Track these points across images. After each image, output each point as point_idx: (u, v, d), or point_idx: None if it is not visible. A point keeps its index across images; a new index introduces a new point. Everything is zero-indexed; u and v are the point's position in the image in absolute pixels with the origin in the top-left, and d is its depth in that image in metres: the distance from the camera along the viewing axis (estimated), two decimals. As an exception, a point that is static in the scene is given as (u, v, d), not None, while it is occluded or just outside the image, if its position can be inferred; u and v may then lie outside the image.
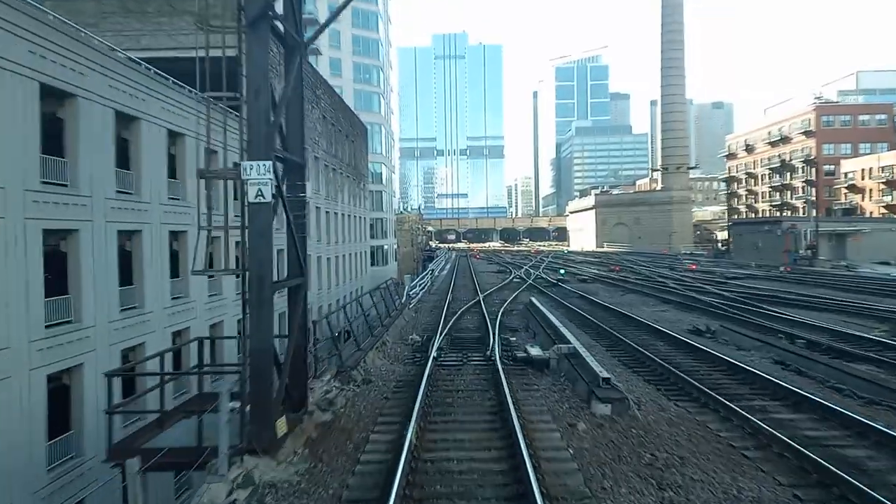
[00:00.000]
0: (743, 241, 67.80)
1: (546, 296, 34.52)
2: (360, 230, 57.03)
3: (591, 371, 13.49)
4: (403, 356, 18.07)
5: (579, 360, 14.97)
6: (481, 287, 39.50)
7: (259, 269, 9.58)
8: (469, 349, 18.65)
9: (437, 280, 46.85)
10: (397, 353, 18.61)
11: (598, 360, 14.91)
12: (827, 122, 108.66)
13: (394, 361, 17.45)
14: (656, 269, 56.85)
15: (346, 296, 49.02)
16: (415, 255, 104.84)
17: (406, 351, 18.96)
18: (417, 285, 35.50)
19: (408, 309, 27.94)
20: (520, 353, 16.90)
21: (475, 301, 30.54)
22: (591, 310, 27.84)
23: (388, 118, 74.42)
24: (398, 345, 19.94)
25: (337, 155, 47.32)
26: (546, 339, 20.08)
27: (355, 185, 55.16)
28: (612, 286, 40.97)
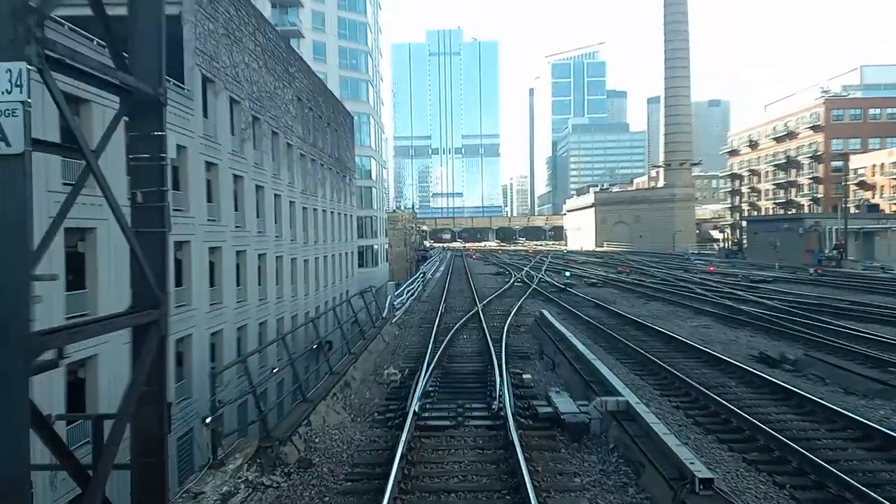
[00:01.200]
0: (758, 240, 62.35)
1: (555, 304, 29.05)
2: (346, 229, 51.46)
3: (671, 455, 8.03)
4: (371, 408, 12.51)
5: (640, 427, 9.52)
6: (479, 293, 34.03)
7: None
8: (466, 393, 13.17)
9: (429, 284, 41.35)
10: (364, 400, 13.07)
11: (664, 420, 9.53)
12: (836, 116, 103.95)
13: (356, 417, 11.91)
14: (668, 270, 51.52)
15: (330, 301, 43.45)
16: (408, 255, 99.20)
17: (378, 396, 13.43)
18: (405, 292, 29.92)
19: (391, 324, 22.39)
20: (541, 406, 11.39)
21: (473, 313, 25.05)
22: (615, 324, 22.39)
23: (377, 108, 68.80)
24: (368, 385, 14.40)
25: (316, 144, 41.74)
26: (571, 373, 14.62)
27: (339, 179, 49.59)
28: (627, 291, 35.54)
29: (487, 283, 43.05)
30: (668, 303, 29.45)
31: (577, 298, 31.44)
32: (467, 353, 17.85)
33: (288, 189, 34.46)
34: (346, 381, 13.62)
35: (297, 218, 35.96)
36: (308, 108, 40.08)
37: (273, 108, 32.57)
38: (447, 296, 33.13)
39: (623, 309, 26.71)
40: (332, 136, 46.95)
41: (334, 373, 13.65)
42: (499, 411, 11.23)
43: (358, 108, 62.31)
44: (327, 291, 43.06)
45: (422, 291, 35.95)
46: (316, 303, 39.91)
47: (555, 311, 26.52)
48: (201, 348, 22.94)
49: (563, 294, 33.80)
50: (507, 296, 33.50)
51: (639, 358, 16.50)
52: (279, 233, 32.67)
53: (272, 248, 31.19)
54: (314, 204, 40.31)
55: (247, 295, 27.56)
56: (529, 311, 26.93)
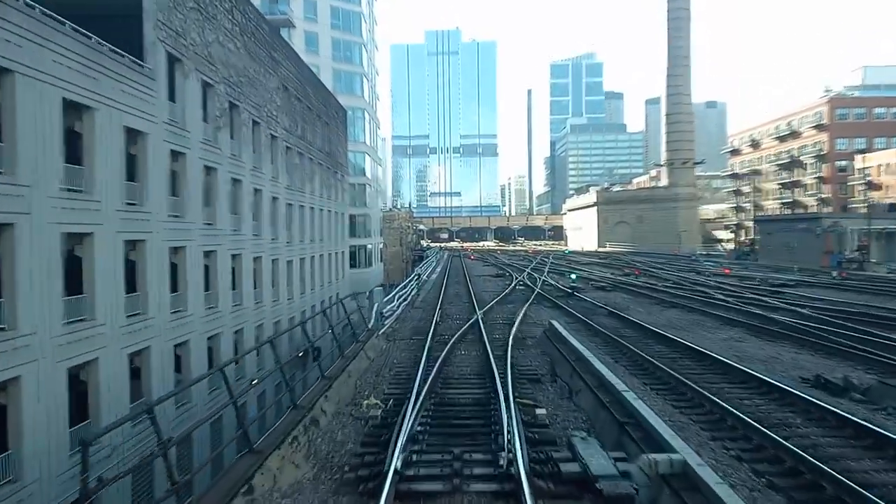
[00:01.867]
0: (772, 240, 59.40)
1: (563, 312, 26.15)
2: (337, 228, 48.53)
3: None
4: (342, 457, 9.55)
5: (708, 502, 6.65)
6: (479, 298, 31.13)
7: None
8: (465, 435, 10.27)
9: (424, 287, 38.45)
10: (334, 445, 10.11)
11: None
12: (841, 116, 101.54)
13: (320, 474, 8.93)
14: (679, 272, 48.67)
15: (318, 305, 40.56)
16: (404, 255, 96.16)
17: (353, 438, 10.50)
18: (396, 297, 26.92)
19: (377, 336, 19.46)
20: (565, 460, 8.48)
21: (472, 322, 22.13)
22: (634, 337, 19.50)
23: (372, 103, 65.81)
24: (343, 420, 11.47)
25: (304, 137, 38.80)
26: (595, 405, 11.77)
27: (330, 176, 46.65)
28: (640, 296, 32.66)
29: (487, 286, 40.16)
30: (687, 310, 26.55)
31: (587, 304, 28.53)
32: (466, 373, 14.97)
33: (270, 184, 31.51)
34: (314, 418, 10.71)
35: (281, 215, 33.02)
36: (296, 98, 37.14)
37: (254, 96, 29.64)
38: (443, 301, 30.22)
39: (640, 317, 23.84)
40: (322, 130, 44.01)
41: (298, 407, 10.73)
42: (508, 466, 8.33)
43: (352, 102, 59.37)
44: (315, 294, 40.12)
45: (416, 296, 33.04)
46: (302, 307, 36.98)
47: (564, 319, 23.65)
48: (163, 363, 19.98)
49: (570, 300, 30.91)
50: (510, 301, 30.60)
51: (672, 382, 13.61)
52: (258, 231, 29.73)
53: (249, 248, 28.25)
54: (301, 201, 37.36)
55: (218, 301, 24.61)
56: (535, 319, 24.06)
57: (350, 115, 59.10)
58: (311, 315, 29.25)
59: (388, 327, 21.81)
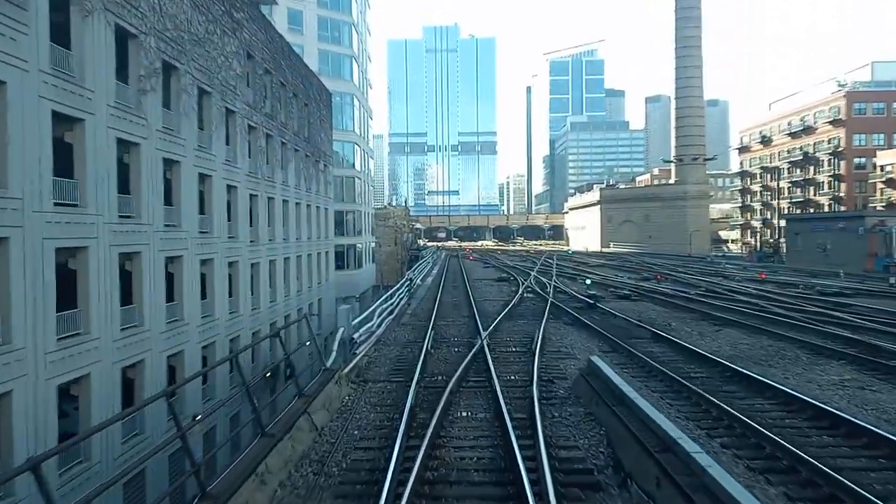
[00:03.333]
0: (802, 241, 53.27)
1: (592, 333, 19.91)
2: (319, 224, 42.37)
3: None
4: None
5: None
6: (481, 310, 25.01)
7: None
8: None
9: (416, 295, 32.32)
10: None
11: None
12: (858, 110, 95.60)
13: None
14: (703, 277, 42.63)
15: (294, 314, 34.47)
16: (399, 255, 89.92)
17: None
18: (376, 314, 20.62)
19: (338, 378, 13.21)
20: None
21: (475, 351, 15.95)
22: (709, 380, 13.33)
23: (363, 89, 59.53)
24: None
25: (276, 117, 32.61)
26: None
27: (311, 165, 40.48)
28: (677, 308, 26.52)
29: (490, 293, 34.04)
30: (750, 331, 20.38)
31: (618, 321, 22.40)
32: (472, 464, 8.80)
33: (225, 168, 25.29)
34: None
35: (241, 208, 26.82)
36: (265, 70, 30.94)
37: (203, 59, 23.44)
38: (438, 315, 24.06)
39: (695, 342, 17.76)
40: (300, 112, 37.81)
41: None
42: None
43: (340, 86, 53.14)
44: (290, 302, 33.96)
45: (405, 307, 26.89)
46: (273, 317, 30.82)
47: (596, 344, 17.58)
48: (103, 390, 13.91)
49: (594, 313, 24.77)
50: (520, 315, 24.45)
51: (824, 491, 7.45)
52: (208, 228, 23.56)
53: (193, 249, 22.06)
54: (270, 192, 31.16)
55: (143, 317, 18.44)
56: (559, 343, 17.95)
57: (338, 100, 52.91)
58: (243, 348, 22.94)
59: (361, 358, 15.66)
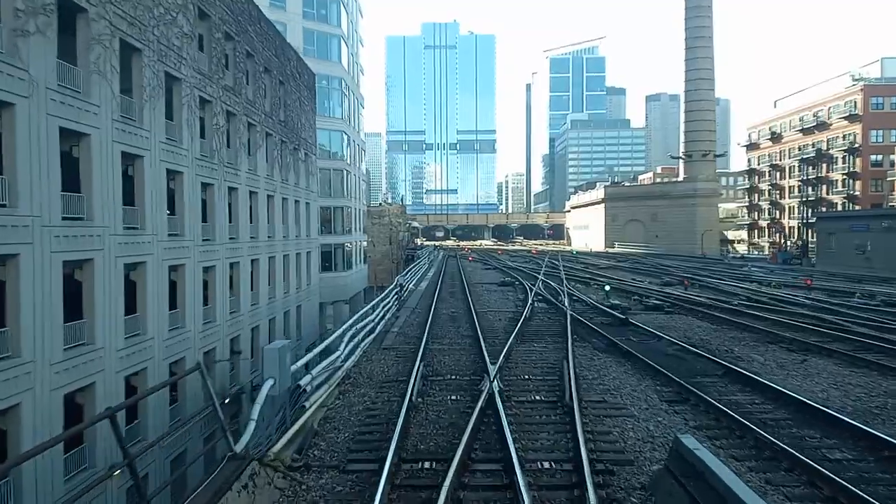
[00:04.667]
0: (836, 241, 47.90)
1: (640, 367, 14.59)
2: (300, 221, 37.04)
3: None
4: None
5: None
6: (485, 328, 19.71)
7: None
8: None
9: (407, 304, 26.98)
10: None
11: None
12: (876, 105, 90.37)
13: None
14: (734, 282, 37.41)
15: (264, 325, 29.17)
16: (394, 255, 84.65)
17: None
18: (348, 334, 15.19)
19: (278, 447, 7.87)
20: None
21: (483, 403, 10.66)
22: (858, 466, 8.18)
23: (354, 73, 54.13)
24: None
25: (241, 93, 27.23)
26: None
27: (288, 153, 35.14)
28: (728, 326, 21.19)
29: (493, 301, 28.72)
30: (844, 361, 15.05)
31: (663, 345, 17.06)
32: None
33: (164, 149, 19.91)
34: None
35: (187, 199, 21.45)
36: (225, 34, 25.57)
37: (126, 5, 18.07)
38: (431, 334, 18.71)
39: (786, 382, 12.52)
40: (274, 90, 32.45)
41: None
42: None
43: (327, 69, 47.76)
44: (259, 312, 28.60)
45: (391, 321, 21.58)
46: (234, 331, 25.49)
47: (652, 386, 12.32)
48: None
49: (627, 331, 19.44)
50: (535, 334, 19.11)
51: None
52: (139, 223, 18.22)
53: (114, 249, 16.70)
54: (233, 180, 25.79)
55: (21, 342, 13.11)
56: (602, 388, 12.57)
57: (324, 84, 47.54)
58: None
59: (311, 414, 10.35)
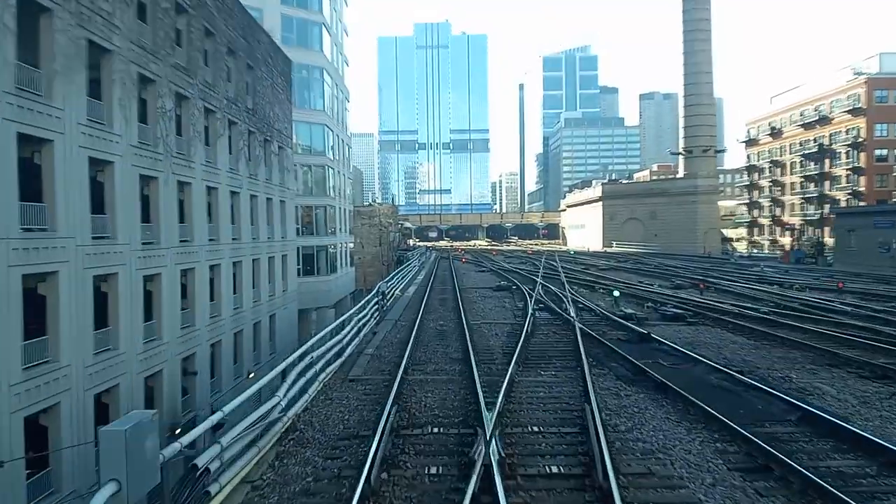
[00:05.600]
0: (857, 239, 44.30)
1: (677, 402, 11.15)
2: (274, 221, 33.36)
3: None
4: None
5: None
6: (480, 348, 16.13)
7: None
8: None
9: (389, 315, 23.35)
10: None
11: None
12: (880, 98, 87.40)
13: None
14: (749, 284, 34.01)
15: (227, 339, 25.53)
16: (384, 256, 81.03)
17: None
18: (292, 376, 11.37)
19: None
20: None
21: (475, 489, 7.16)
22: None
23: (338, 63, 50.44)
24: None
25: (195, 74, 23.53)
26: None
27: (259, 146, 31.47)
28: (768, 341, 17.67)
29: (489, 310, 25.11)
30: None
31: (701, 371, 13.54)
32: None
33: (86, 133, 16.22)
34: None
35: (121, 195, 17.75)
36: (175, 6, 21.83)
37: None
38: (412, 359, 15.08)
39: (886, 431, 9.08)
40: (240, 75, 28.78)
41: None
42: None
43: (307, 58, 44.08)
44: (221, 325, 24.89)
45: (367, 338, 17.95)
46: (187, 349, 21.82)
47: (709, 442, 8.79)
48: None
49: (651, 350, 15.92)
50: (540, 356, 15.52)
51: None
52: (46, 223, 14.53)
53: (9, 257, 13.00)
54: (184, 173, 22.09)
55: None
56: (643, 448, 8.94)
57: (304, 74, 43.88)
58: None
59: None
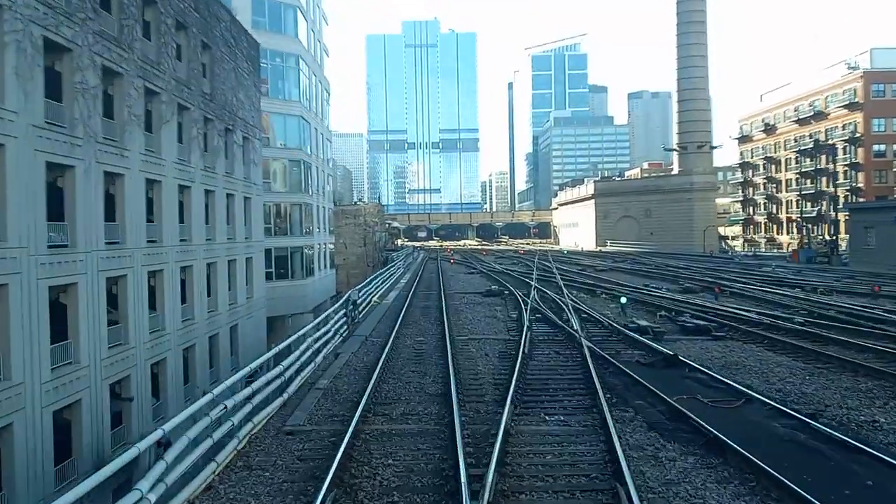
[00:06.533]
0: (874, 237, 40.58)
1: (745, 482, 7.73)
2: (236, 220, 29.54)
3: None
4: None
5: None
6: (465, 383, 12.56)
7: None
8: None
9: (359, 329, 19.71)
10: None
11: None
12: (877, 92, 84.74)
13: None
14: (765, 286, 30.72)
15: (181, 357, 21.77)
16: (369, 257, 77.26)
17: None
18: (173, 452, 7.65)
19: None
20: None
21: None
22: None
23: (316, 53, 46.62)
24: None
25: (132, 47, 19.71)
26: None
27: (219, 136, 27.67)
28: (823, 362, 14.28)
29: (478, 321, 21.49)
30: None
31: (757, 414, 10.08)
32: None
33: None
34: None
35: (11, 185, 13.97)
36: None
37: None
38: (374, 399, 11.47)
39: None
40: (193, 54, 24.98)
41: None
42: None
43: (281, 45, 40.26)
44: (164, 341, 21.11)
45: (326, 363, 14.31)
46: (119, 371, 18.05)
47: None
48: None
49: (686, 379, 12.42)
50: (542, 393, 11.90)
51: None
52: None
53: None
54: (115, 163, 18.32)
55: None
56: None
57: (277, 62, 40.07)
58: None
59: None
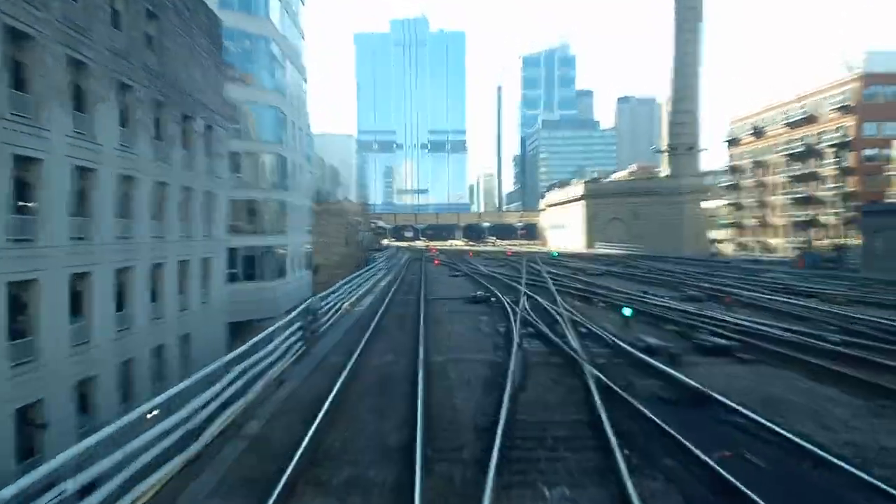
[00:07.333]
0: (884, 241, 37.31)
1: None
2: (193, 216, 26.18)
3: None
4: None
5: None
6: (439, 430, 9.47)
7: None
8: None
9: (314, 351, 16.56)
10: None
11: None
12: (869, 96, 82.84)
13: None
14: (775, 294, 28.01)
15: (116, 374, 18.38)
16: (353, 257, 73.87)
17: None
18: None
19: None
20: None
21: None
22: None
23: (290, 35, 43.25)
24: None
25: (48, 6, 16.37)
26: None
27: (175, 122, 24.30)
28: (876, 399, 11.47)
29: (460, 338, 18.33)
30: None
31: (830, 487, 7.22)
32: None
33: None
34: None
35: None
36: None
37: None
38: (311, 460, 8.36)
39: None
40: (135, 22, 21.64)
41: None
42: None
43: (250, 26, 36.87)
44: (96, 355, 17.78)
45: (260, 398, 11.15)
46: (31, 392, 14.72)
47: None
48: None
49: (722, 425, 9.43)
50: (537, 449, 8.79)
51: None
52: None
53: None
54: (23, 143, 15.02)
55: None
56: None
57: (247, 44, 36.70)
58: None
59: None
